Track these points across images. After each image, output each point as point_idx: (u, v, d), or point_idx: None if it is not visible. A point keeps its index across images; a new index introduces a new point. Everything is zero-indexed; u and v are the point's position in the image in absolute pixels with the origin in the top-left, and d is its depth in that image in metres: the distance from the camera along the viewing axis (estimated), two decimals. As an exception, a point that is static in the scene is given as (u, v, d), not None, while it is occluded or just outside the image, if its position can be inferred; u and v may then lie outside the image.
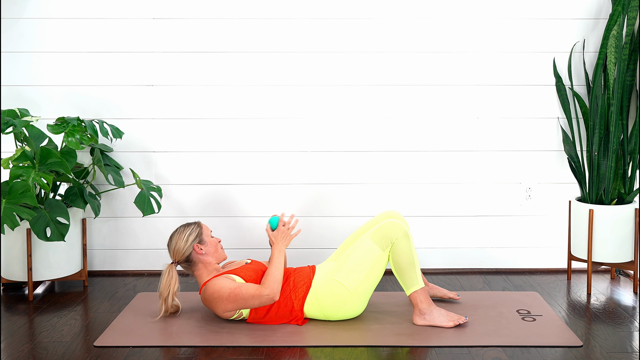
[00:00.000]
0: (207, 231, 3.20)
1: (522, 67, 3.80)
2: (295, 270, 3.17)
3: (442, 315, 3.03)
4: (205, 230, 3.19)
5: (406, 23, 3.77)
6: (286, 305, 3.05)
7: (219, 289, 2.99)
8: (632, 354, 2.78)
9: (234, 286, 2.98)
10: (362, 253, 3.04)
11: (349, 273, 3.03)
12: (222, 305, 2.99)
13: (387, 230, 3.03)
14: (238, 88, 3.80)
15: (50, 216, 3.35)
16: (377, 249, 3.02)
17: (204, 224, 3.23)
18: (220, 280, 3.02)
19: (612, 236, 3.51)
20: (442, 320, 3.02)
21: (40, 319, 3.20)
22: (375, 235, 3.03)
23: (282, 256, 3.07)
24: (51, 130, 3.44)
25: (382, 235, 3.03)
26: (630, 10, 3.54)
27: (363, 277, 3.02)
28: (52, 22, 3.75)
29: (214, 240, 3.20)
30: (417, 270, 3.03)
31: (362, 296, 3.05)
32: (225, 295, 2.98)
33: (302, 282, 3.09)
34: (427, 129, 3.83)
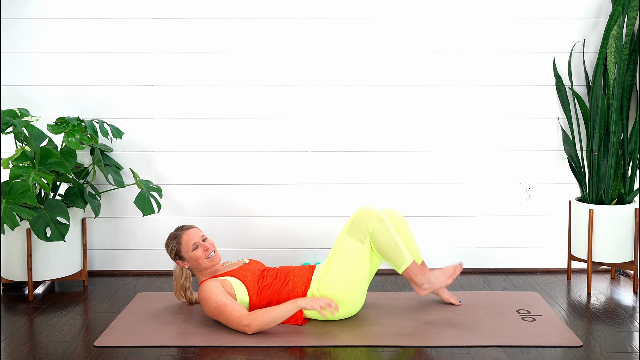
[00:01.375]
0: (187, 246, 3.15)
1: (522, 67, 3.80)
2: (294, 270, 3.17)
3: (439, 277, 3.08)
4: (185, 246, 3.15)
5: (406, 23, 3.77)
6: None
7: (208, 299, 2.99)
8: (632, 354, 2.78)
9: (221, 302, 2.96)
10: (343, 250, 3.02)
11: (336, 273, 3.02)
12: (208, 312, 3.02)
13: (360, 221, 3.00)
14: (238, 88, 3.80)
15: (50, 216, 3.35)
16: (356, 242, 3.00)
17: (187, 235, 3.17)
18: (212, 289, 3.01)
19: (612, 236, 3.51)
20: (440, 281, 3.08)
21: (40, 319, 3.20)
22: (351, 230, 3.01)
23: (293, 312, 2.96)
24: (51, 130, 3.44)
25: (356, 227, 3.00)
26: (630, 10, 3.54)
27: (350, 274, 3.01)
28: (52, 22, 3.75)
29: (196, 253, 3.14)
30: (401, 248, 3.02)
31: (356, 293, 3.05)
32: (211, 307, 2.99)
33: (301, 282, 3.09)
34: (427, 129, 3.83)
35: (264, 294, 3.07)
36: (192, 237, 3.18)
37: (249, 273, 3.10)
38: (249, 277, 3.08)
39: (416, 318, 3.13)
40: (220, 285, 3.03)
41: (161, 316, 3.18)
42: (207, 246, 3.17)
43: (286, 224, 3.85)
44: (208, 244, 3.19)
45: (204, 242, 3.19)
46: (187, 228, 3.23)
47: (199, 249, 3.16)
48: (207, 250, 3.16)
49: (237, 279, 3.07)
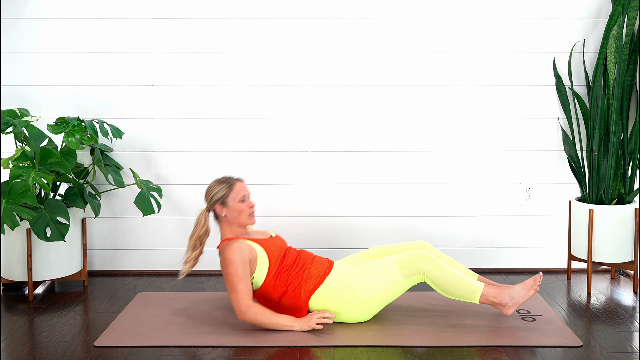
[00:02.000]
0: (237, 195, 3.11)
1: (522, 67, 3.80)
2: (314, 260, 3.15)
3: (520, 291, 3.02)
4: (235, 194, 3.11)
5: (406, 23, 3.77)
6: (295, 293, 3.04)
7: (229, 262, 2.98)
8: (632, 354, 2.78)
9: (237, 274, 2.95)
10: (383, 271, 3.01)
11: (364, 284, 3.01)
12: (222, 269, 3.02)
13: (413, 260, 2.98)
14: (238, 88, 3.80)
15: (50, 216, 3.35)
16: (399, 274, 2.99)
17: (240, 184, 3.15)
18: (237, 254, 2.98)
19: (612, 236, 3.51)
20: (522, 294, 3.01)
21: (40, 319, 3.20)
22: (401, 261, 3.00)
23: (286, 329, 2.97)
24: (51, 130, 3.44)
25: (407, 263, 2.99)
26: (630, 10, 3.54)
27: (376, 293, 3.01)
28: (52, 22, 3.75)
29: (241, 206, 3.11)
30: (465, 279, 2.99)
31: (369, 310, 3.04)
32: (226, 269, 2.98)
33: (316, 274, 3.08)
34: (427, 129, 3.83)
35: (281, 277, 3.05)
36: (244, 188, 3.16)
37: (275, 249, 3.09)
38: (274, 254, 3.07)
39: (416, 318, 3.13)
40: (248, 254, 3.01)
41: (161, 316, 3.18)
42: (253, 204, 3.15)
43: (286, 224, 3.85)
44: (253, 203, 3.17)
45: (250, 200, 3.17)
46: (240, 179, 3.19)
47: (246, 202, 3.13)
48: (252, 208, 3.14)
49: (265, 251, 3.06)
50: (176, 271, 3.88)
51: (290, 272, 3.07)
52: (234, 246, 3.01)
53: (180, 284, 3.69)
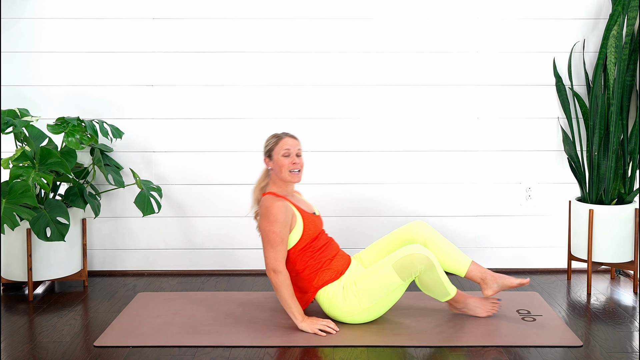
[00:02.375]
0: (281, 149, 3.08)
1: (522, 67, 3.80)
2: (338, 254, 3.15)
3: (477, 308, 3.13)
4: (280, 147, 3.09)
5: (406, 23, 3.77)
6: (309, 276, 3.05)
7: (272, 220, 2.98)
8: (632, 354, 2.78)
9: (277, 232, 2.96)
10: (382, 278, 2.99)
11: (367, 291, 3.00)
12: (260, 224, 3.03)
13: (410, 262, 2.96)
14: (238, 88, 3.80)
15: (50, 216, 3.35)
16: (398, 278, 2.97)
17: (287, 140, 3.11)
18: (281, 212, 2.99)
19: (612, 236, 3.51)
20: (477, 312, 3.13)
21: (40, 319, 3.20)
22: (397, 265, 2.96)
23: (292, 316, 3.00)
24: (51, 130, 3.44)
25: (403, 265, 2.96)
26: (630, 10, 3.54)
27: (379, 299, 3.01)
28: (52, 22, 3.75)
29: (283, 160, 3.07)
30: (445, 284, 3.04)
31: (373, 313, 3.05)
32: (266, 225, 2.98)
33: (335, 269, 3.08)
34: (427, 129, 3.83)
35: (304, 255, 3.05)
36: (290, 144, 3.11)
37: (312, 227, 3.09)
38: (309, 231, 3.07)
39: (416, 318, 3.13)
40: (290, 218, 3.01)
41: (161, 316, 3.18)
42: (297, 161, 3.10)
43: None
44: (299, 161, 3.12)
45: (297, 157, 3.12)
46: (291, 135, 3.16)
47: (289, 158, 3.09)
48: (294, 164, 3.09)
49: (303, 224, 3.05)
50: (176, 271, 3.88)
51: (314, 255, 3.07)
52: (282, 204, 3.01)
53: (180, 284, 3.69)
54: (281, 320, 3.10)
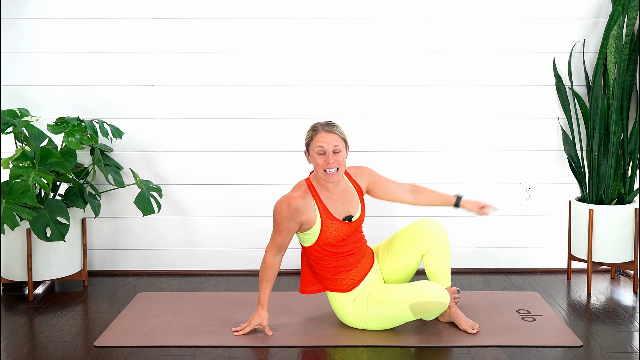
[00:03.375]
0: (315, 146, 2.89)
1: (522, 67, 3.80)
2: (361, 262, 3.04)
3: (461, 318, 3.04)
4: (314, 144, 2.89)
5: (406, 23, 3.77)
6: (324, 275, 3.00)
7: (279, 208, 2.89)
8: (632, 354, 2.78)
9: (279, 225, 2.89)
10: (396, 314, 2.90)
11: (376, 317, 2.94)
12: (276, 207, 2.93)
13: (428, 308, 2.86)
14: (238, 88, 3.80)
15: (50, 216, 3.35)
16: (411, 315, 2.90)
17: (322, 135, 2.87)
18: (290, 207, 2.87)
19: (612, 236, 3.51)
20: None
21: (40, 319, 3.20)
22: (415, 307, 2.86)
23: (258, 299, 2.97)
24: (51, 130, 3.44)
25: (420, 308, 2.86)
26: (630, 10, 3.54)
27: (386, 325, 2.98)
28: (52, 22, 3.75)
29: (318, 158, 2.88)
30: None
31: (376, 328, 3.01)
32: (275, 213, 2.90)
33: (352, 279, 3.00)
34: (427, 129, 3.83)
35: (323, 255, 2.96)
36: (325, 140, 2.87)
37: (332, 234, 2.94)
38: (328, 237, 2.94)
39: (416, 318, 3.13)
40: (298, 214, 2.88)
41: (161, 316, 3.18)
42: (332, 161, 2.87)
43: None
44: (337, 158, 2.88)
45: (334, 154, 2.88)
46: (329, 129, 2.90)
47: (324, 156, 2.88)
48: (328, 164, 2.87)
49: (321, 228, 2.92)
50: (176, 271, 3.88)
51: (333, 258, 2.97)
52: (290, 201, 2.89)
53: (180, 284, 3.69)
54: (281, 320, 3.10)
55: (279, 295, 3.42)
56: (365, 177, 3.12)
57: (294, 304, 3.30)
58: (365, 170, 3.14)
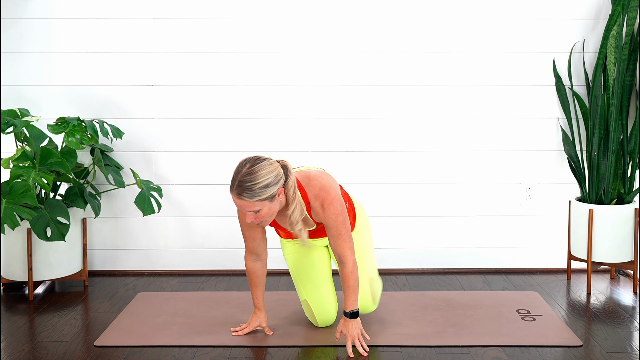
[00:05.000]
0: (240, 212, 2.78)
1: (522, 67, 3.80)
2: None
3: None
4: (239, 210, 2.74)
5: (406, 23, 3.78)
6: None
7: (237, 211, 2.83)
8: (632, 353, 2.78)
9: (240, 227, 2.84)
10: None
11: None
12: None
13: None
14: (238, 88, 3.81)
15: (51, 216, 3.36)
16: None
17: (234, 199, 2.58)
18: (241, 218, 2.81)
19: (612, 236, 3.51)
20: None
21: (41, 318, 3.21)
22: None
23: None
24: (51, 130, 3.44)
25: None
26: (630, 10, 3.54)
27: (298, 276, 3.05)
28: (52, 22, 3.75)
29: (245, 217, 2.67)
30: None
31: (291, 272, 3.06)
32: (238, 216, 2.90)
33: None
34: (427, 129, 3.83)
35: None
36: (239, 205, 2.59)
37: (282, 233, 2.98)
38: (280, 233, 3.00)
39: (416, 318, 3.13)
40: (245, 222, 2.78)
41: (161, 316, 3.19)
42: (253, 220, 2.63)
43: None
44: (258, 216, 2.61)
45: (255, 214, 2.60)
46: (239, 192, 2.54)
47: (248, 216, 2.62)
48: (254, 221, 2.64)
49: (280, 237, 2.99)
50: (176, 271, 3.89)
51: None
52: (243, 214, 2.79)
53: (180, 284, 3.69)
54: (281, 320, 3.11)
55: (278, 295, 3.43)
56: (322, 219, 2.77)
57: (293, 304, 3.30)
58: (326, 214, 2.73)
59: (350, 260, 2.77)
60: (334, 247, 2.78)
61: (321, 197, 2.72)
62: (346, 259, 2.77)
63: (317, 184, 2.74)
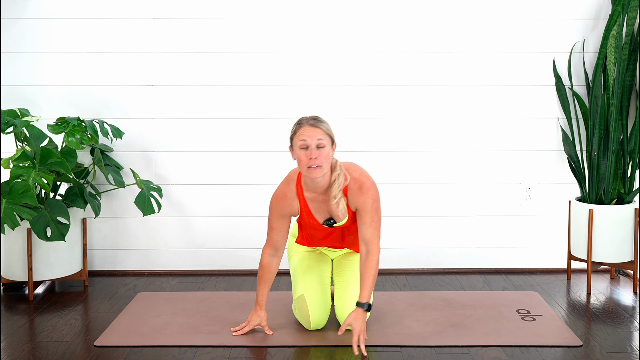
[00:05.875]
0: (298, 140, 2.76)
1: (522, 67, 3.80)
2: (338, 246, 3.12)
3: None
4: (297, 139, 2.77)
5: (406, 23, 3.78)
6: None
7: (270, 203, 2.93)
8: (632, 353, 2.78)
9: (270, 220, 2.93)
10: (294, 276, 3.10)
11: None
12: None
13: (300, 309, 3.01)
14: (238, 88, 3.81)
15: (51, 216, 3.36)
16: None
17: (306, 129, 2.74)
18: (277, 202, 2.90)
19: (612, 236, 3.51)
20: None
21: (41, 318, 3.21)
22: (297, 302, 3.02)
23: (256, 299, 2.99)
24: (51, 130, 3.44)
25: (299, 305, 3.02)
26: (630, 10, 3.54)
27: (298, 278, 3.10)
28: (52, 22, 3.75)
29: (299, 153, 2.75)
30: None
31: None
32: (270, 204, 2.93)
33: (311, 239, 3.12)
34: (427, 129, 3.83)
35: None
36: (308, 134, 2.74)
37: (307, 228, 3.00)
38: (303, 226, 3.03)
39: (416, 318, 3.14)
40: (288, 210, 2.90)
41: (161, 316, 3.19)
42: (314, 156, 2.72)
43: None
44: (319, 155, 2.73)
45: (317, 149, 2.73)
46: (314, 123, 2.77)
47: (306, 151, 2.75)
48: (311, 160, 2.73)
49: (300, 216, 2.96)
50: (176, 271, 3.89)
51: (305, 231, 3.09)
52: (280, 197, 2.90)
53: (180, 284, 3.69)
54: (281, 320, 3.11)
55: (278, 295, 3.43)
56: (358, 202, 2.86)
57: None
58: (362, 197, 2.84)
59: (377, 250, 2.83)
60: (363, 234, 2.84)
61: (360, 181, 2.85)
62: (373, 248, 2.82)
63: (357, 170, 2.89)
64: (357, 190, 2.84)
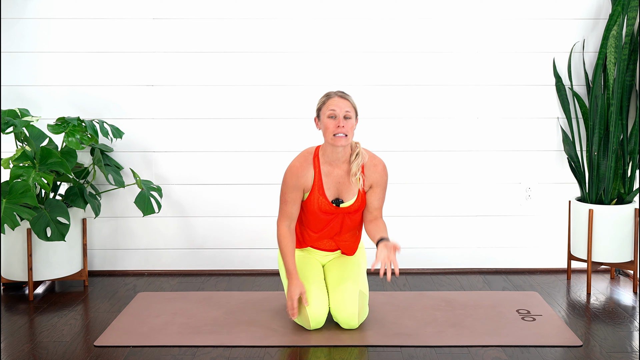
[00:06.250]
0: (327, 110, 2.92)
1: (522, 67, 3.80)
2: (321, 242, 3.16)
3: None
4: (326, 108, 2.93)
5: (406, 23, 3.78)
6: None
7: (283, 178, 3.01)
8: (632, 353, 2.78)
9: (284, 194, 2.99)
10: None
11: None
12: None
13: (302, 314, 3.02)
14: (238, 88, 3.81)
15: (51, 216, 3.36)
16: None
17: (335, 100, 2.93)
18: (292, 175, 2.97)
19: (612, 236, 3.51)
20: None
21: (41, 318, 3.21)
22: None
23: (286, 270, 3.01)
24: (51, 130, 3.45)
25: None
26: (630, 10, 3.54)
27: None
28: (52, 22, 3.75)
29: (327, 122, 2.91)
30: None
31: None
32: (281, 183, 3.02)
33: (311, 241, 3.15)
34: (427, 129, 3.83)
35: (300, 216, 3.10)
36: (337, 104, 2.92)
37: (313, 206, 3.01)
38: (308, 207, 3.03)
39: (416, 318, 3.14)
40: (303, 183, 2.98)
41: (161, 316, 3.19)
42: (342, 125, 2.90)
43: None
44: (347, 124, 2.91)
45: (344, 119, 2.91)
46: (342, 95, 2.97)
47: (334, 120, 2.92)
48: (338, 128, 2.90)
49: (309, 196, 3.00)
50: (176, 271, 3.89)
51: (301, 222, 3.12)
52: (297, 167, 2.99)
53: (180, 284, 3.69)
54: (281, 320, 3.11)
55: (278, 295, 3.43)
56: (374, 178, 3.04)
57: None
58: (379, 173, 3.03)
59: (382, 218, 3.07)
60: (372, 205, 3.05)
61: (378, 162, 3.05)
62: (379, 215, 3.06)
63: (375, 155, 3.08)
64: (374, 168, 3.04)
